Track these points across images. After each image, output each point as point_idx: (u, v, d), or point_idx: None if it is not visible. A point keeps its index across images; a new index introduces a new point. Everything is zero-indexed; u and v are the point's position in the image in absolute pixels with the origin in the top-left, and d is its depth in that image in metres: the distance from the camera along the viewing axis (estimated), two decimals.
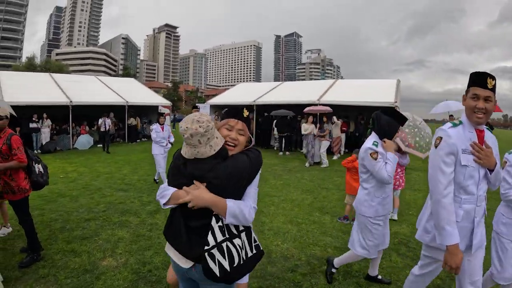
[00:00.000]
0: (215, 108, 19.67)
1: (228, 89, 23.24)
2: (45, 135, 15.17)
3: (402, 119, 3.47)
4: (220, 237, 1.83)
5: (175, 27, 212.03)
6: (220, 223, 1.85)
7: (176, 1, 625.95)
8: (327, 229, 5.52)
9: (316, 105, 14.54)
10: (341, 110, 15.36)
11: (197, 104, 21.55)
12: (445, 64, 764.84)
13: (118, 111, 18.68)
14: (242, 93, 19.86)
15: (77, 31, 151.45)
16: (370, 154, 3.33)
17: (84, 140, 16.48)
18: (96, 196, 7.39)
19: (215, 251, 1.80)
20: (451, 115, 12.90)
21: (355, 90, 15.95)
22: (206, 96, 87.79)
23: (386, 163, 3.31)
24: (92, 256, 4.36)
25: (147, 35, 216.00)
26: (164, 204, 1.93)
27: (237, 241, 1.89)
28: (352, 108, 15.25)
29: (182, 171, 1.91)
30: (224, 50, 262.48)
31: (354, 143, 14.68)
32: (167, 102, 21.45)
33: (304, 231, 5.39)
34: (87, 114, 19.15)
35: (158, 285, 3.70)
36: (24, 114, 14.92)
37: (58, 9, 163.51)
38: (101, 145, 16.20)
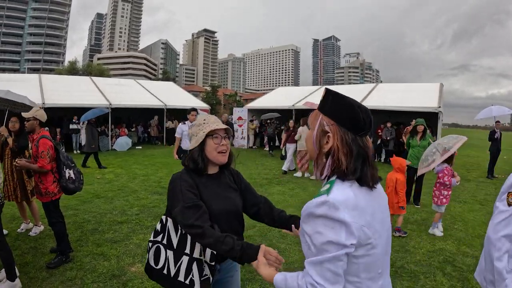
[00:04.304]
0: (253, 112, 19.57)
1: (266, 93, 23.09)
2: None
3: None
4: (156, 237, 1.97)
5: (214, 32, 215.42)
6: (160, 225, 1.97)
7: (215, 7, 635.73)
8: None
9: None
10: (383, 115, 14.86)
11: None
12: (490, 68, 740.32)
13: (156, 115, 19.11)
14: (281, 98, 19.60)
15: (117, 36, 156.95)
16: None
17: (123, 142, 16.80)
18: (130, 199, 7.39)
19: (151, 244, 1.98)
20: (498, 121, 12.14)
21: (396, 94, 15.41)
22: (245, 100, 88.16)
23: None
24: (121, 261, 4.29)
25: (186, 40, 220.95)
26: None
27: (169, 253, 1.89)
28: (395, 114, 14.68)
29: None
30: (262, 55, 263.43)
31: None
32: (205, 106, 21.48)
33: None
34: (126, 116, 19.67)
35: None
36: (65, 116, 15.45)
37: (99, 16, 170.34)
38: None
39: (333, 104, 1.29)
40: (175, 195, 1.80)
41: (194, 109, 7.55)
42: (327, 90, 1.33)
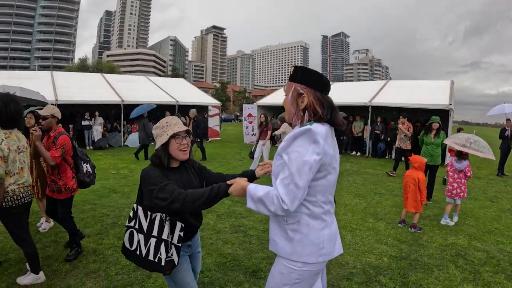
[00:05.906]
0: (263, 109, 19.62)
1: (275, 90, 23.06)
2: (97, 132, 15.76)
3: None
4: (129, 223, 2.29)
5: (223, 29, 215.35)
6: (132, 213, 2.29)
7: (224, 3, 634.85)
8: (382, 236, 5.29)
9: (366, 106, 14.19)
10: (395, 113, 14.82)
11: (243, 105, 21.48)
12: (501, 65, 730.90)
13: (168, 111, 19.20)
14: None
15: (126, 33, 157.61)
16: None
17: (135, 138, 16.80)
18: None
19: (126, 229, 2.32)
20: (508, 119, 12.00)
21: (407, 91, 15.29)
22: (254, 97, 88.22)
23: None
24: None
25: (194, 37, 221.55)
26: None
27: (140, 236, 2.22)
28: (406, 111, 14.61)
29: None
30: (271, 51, 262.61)
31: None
32: (217, 102, 21.46)
33: (358, 238, 5.20)
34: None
35: (210, 287, 3.61)
36: (78, 112, 15.65)
37: (108, 13, 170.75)
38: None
39: (303, 74, 1.84)
40: (150, 183, 2.12)
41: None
42: (295, 67, 1.88)
